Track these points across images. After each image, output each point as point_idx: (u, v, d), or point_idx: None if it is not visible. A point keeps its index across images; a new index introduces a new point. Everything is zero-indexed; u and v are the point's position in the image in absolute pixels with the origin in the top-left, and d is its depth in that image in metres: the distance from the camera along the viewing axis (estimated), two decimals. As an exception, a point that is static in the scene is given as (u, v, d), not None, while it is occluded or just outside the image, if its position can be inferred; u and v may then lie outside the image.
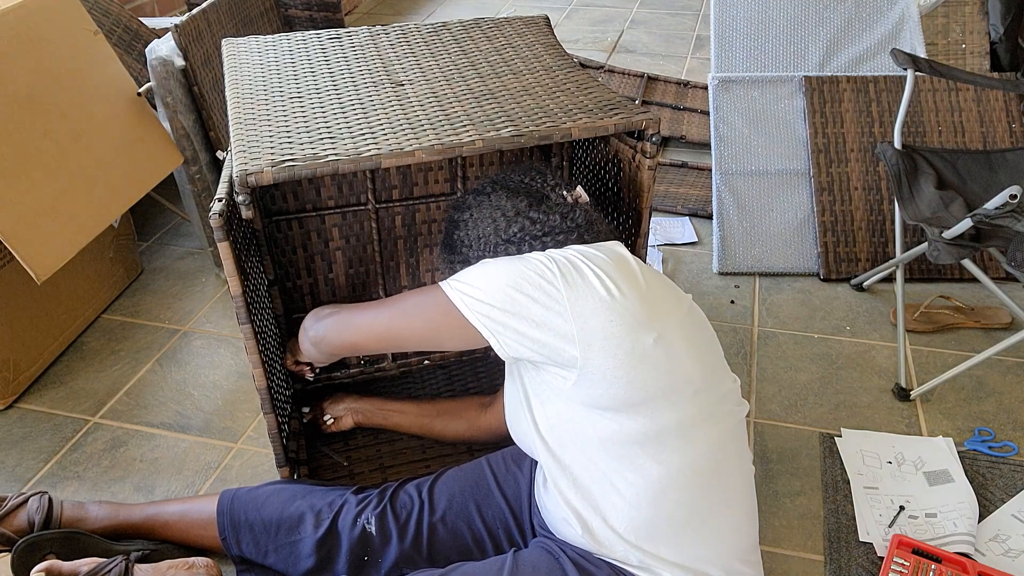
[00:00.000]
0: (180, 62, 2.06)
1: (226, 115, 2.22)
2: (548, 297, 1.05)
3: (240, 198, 1.15)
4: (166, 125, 2.11)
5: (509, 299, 1.06)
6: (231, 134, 1.25)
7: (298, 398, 1.74)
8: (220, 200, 1.18)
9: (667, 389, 1.07)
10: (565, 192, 1.21)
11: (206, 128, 2.17)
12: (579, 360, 1.04)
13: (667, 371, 1.06)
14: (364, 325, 1.24)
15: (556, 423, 1.13)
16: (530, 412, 1.17)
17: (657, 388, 1.06)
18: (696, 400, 1.09)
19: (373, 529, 1.29)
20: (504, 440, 1.37)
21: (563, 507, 1.14)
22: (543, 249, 1.14)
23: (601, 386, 1.05)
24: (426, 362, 1.87)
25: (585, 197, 1.23)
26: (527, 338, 1.06)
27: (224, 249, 1.19)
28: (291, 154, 1.16)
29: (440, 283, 1.13)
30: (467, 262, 1.19)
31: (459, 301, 1.09)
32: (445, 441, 1.63)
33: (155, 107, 2.13)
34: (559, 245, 1.15)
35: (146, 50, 2.05)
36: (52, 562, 1.28)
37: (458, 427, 1.59)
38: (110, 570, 1.28)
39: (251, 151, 1.17)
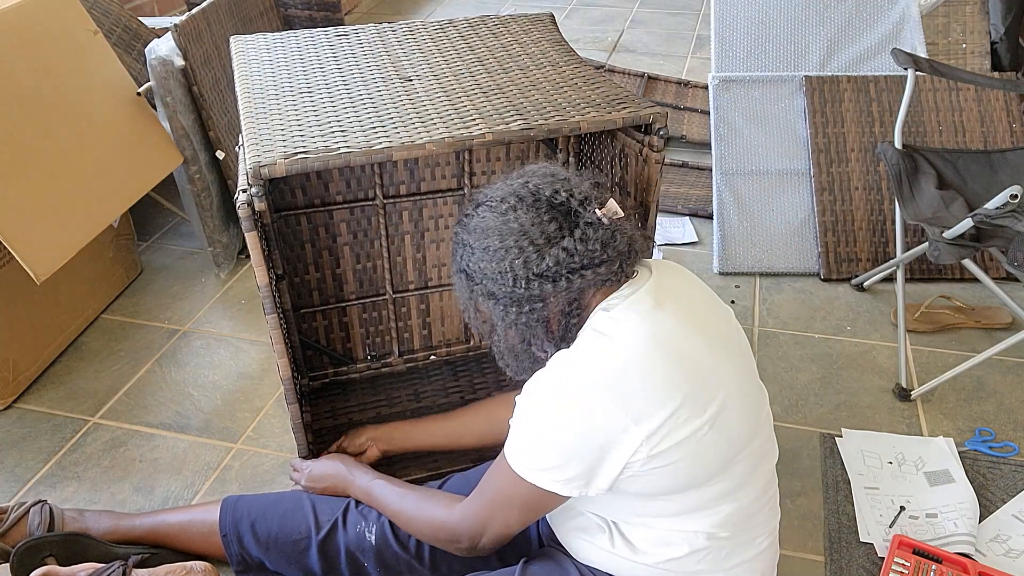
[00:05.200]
0: (179, 62, 2.06)
1: (225, 115, 2.23)
2: (615, 440, 0.97)
3: (253, 190, 1.16)
4: (165, 125, 2.11)
5: (584, 461, 0.98)
6: (243, 128, 1.26)
7: (304, 393, 1.74)
8: (244, 191, 1.19)
9: (720, 465, 1.02)
10: (597, 209, 1.03)
11: (205, 128, 2.17)
12: (645, 464, 0.98)
13: (720, 449, 1.01)
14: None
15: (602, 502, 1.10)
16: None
17: (710, 470, 1.02)
18: (747, 458, 1.06)
19: (374, 539, 1.29)
20: None
21: (589, 535, 1.13)
22: (581, 282, 1.02)
23: (654, 482, 1.01)
24: (432, 357, 1.88)
25: (620, 212, 1.05)
26: (610, 476, 1.00)
27: (252, 239, 1.20)
28: (303, 147, 1.18)
29: (509, 465, 1.04)
30: (492, 296, 1.05)
31: (540, 482, 1.01)
32: (471, 447, 1.54)
33: (155, 107, 2.12)
34: (600, 277, 1.03)
35: (146, 50, 2.05)
36: (50, 567, 1.27)
37: (480, 426, 1.51)
38: (108, 575, 1.28)
39: (264, 144, 1.19)
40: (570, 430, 0.98)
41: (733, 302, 2.18)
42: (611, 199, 1.06)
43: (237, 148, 1.40)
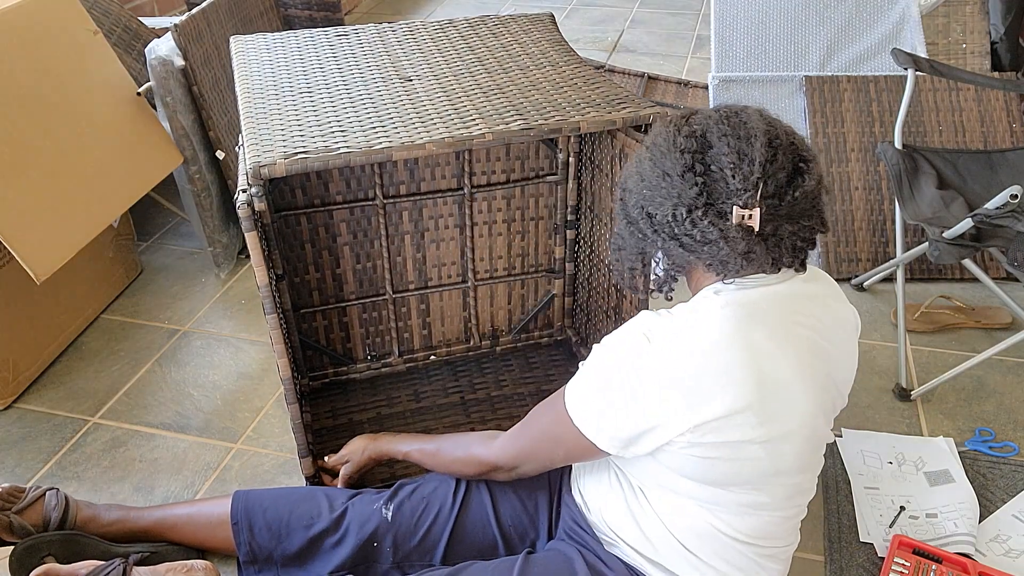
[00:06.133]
0: (179, 62, 2.06)
1: (225, 115, 2.23)
2: (665, 420, 0.97)
3: (253, 190, 1.16)
4: (165, 125, 2.11)
5: (632, 429, 1.00)
6: (243, 128, 1.26)
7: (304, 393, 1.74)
8: (244, 191, 1.19)
9: (756, 480, 1.02)
10: (737, 207, 0.94)
11: (205, 128, 2.17)
12: (685, 447, 0.99)
13: (761, 468, 1.01)
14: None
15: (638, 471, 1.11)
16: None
17: (744, 480, 1.02)
18: (788, 486, 1.05)
19: (390, 515, 1.30)
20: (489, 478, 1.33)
21: (608, 487, 1.15)
22: (680, 254, 1.00)
23: (690, 464, 1.01)
24: (432, 357, 1.88)
25: (753, 225, 0.94)
26: (650, 446, 1.01)
27: (252, 239, 1.20)
28: (303, 147, 1.18)
29: (568, 407, 1.06)
30: (646, 215, 1.01)
31: (587, 430, 1.04)
32: (445, 471, 1.46)
33: (155, 107, 2.12)
34: (701, 262, 1.00)
35: (146, 50, 2.05)
36: (50, 565, 1.27)
37: (456, 453, 1.40)
38: (108, 573, 1.28)
39: (263, 144, 1.19)
40: (627, 389, 0.99)
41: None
42: (758, 208, 0.94)
43: (237, 148, 1.41)
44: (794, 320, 1.01)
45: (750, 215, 0.93)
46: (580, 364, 1.08)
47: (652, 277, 1.09)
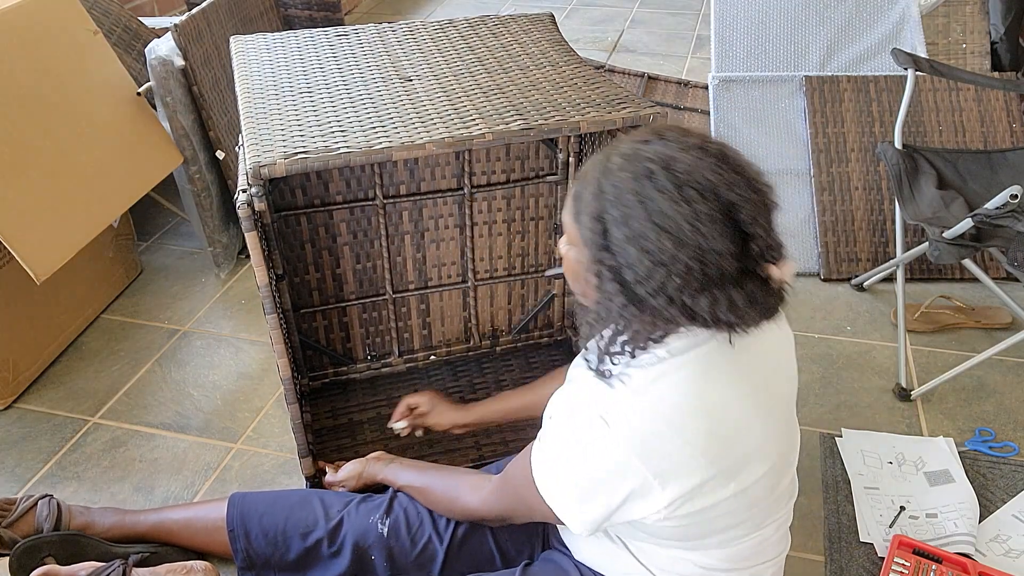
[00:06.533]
0: (179, 62, 2.06)
1: (225, 115, 2.23)
2: (637, 495, 0.93)
3: (253, 190, 1.16)
4: (165, 125, 2.11)
5: (602, 506, 0.95)
6: (243, 128, 1.26)
7: (304, 393, 1.74)
8: (244, 191, 1.19)
9: (737, 521, 1.00)
10: (773, 266, 0.86)
11: (205, 128, 2.17)
12: (659, 521, 0.95)
13: (740, 514, 0.99)
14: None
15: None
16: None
17: (726, 525, 0.99)
18: (764, 507, 1.03)
19: (385, 530, 1.29)
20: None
21: (596, 541, 1.12)
22: (703, 326, 0.89)
23: (668, 532, 0.99)
24: (432, 357, 1.88)
25: (789, 280, 0.90)
26: (624, 519, 0.97)
27: (251, 239, 1.20)
28: (303, 147, 1.18)
29: (535, 481, 1.01)
30: (616, 276, 0.88)
31: (557, 509, 0.99)
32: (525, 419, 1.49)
33: (155, 107, 2.12)
34: (715, 326, 0.89)
35: (146, 50, 2.05)
36: (50, 567, 1.27)
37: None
38: (108, 575, 1.28)
39: (263, 144, 1.19)
40: (593, 475, 0.94)
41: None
42: (788, 257, 0.86)
43: (237, 148, 1.41)
44: (747, 350, 0.95)
45: (789, 270, 0.88)
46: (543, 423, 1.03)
47: (622, 344, 0.93)
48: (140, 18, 2.68)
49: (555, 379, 1.38)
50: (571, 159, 1.70)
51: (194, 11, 2.20)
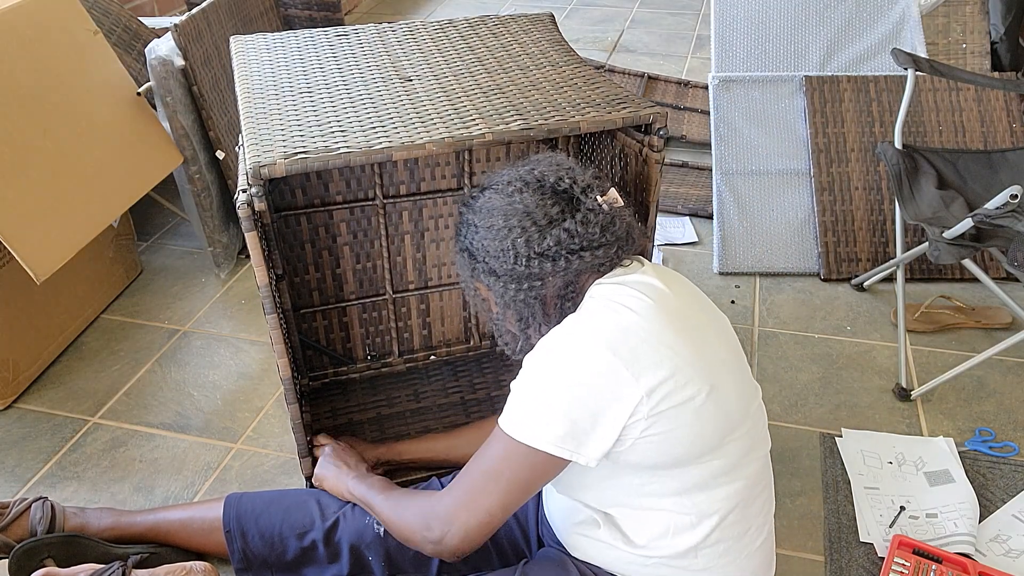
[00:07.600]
0: (179, 62, 2.06)
1: (225, 115, 2.23)
2: (614, 395, 0.97)
3: (253, 190, 1.16)
4: (165, 125, 2.11)
5: (581, 416, 0.98)
6: (243, 128, 1.26)
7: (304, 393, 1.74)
8: (244, 191, 1.19)
9: (716, 439, 1.03)
10: (599, 196, 1.08)
11: (205, 128, 2.17)
12: (645, 429, 0.99)
13: (718, 422, 1.03)
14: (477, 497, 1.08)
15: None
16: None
17: (707, 443, 1.03)
18: (741, 439, 1.06)
19: (381, 530, 1.29)
20: None
21: (587, 530, 1.13)
22: (579, 263, 1.05)
23: (653, 450, 1.01)
24: (432, 357, 1.88)
25: (620, 200, 1.11)
26: (607, 438, 0.99)
27: (251, 239, 1.20)
28: (303, 147, 1.18)
29: (502, 428, 1.02)
30: (493, 273, 1.08)
31: (533, 440, 1.00)
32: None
33: (155, 107, 2.12)
34: (597, 260, 1.06)
35: (146, 50, 2.05)
36: (50, 569, 1.27)
37: (475, 441, 1.32)
38: (107, 575, 1.28)
39: (263, 144, 1.19)
40: (571, 381, 0.99)
41: (733, 302, 2.18)
42: (612, 188, 1.11)
43: (237, 148, 1.41)
44: (678, 284, 1.11)
45: (614, 195, 1.10)
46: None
47: (545, 320, 1.12)
48: (140, 18, 2.68)
49: (482, 429, 1.42)
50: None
51: (194, 11, 2.20)
